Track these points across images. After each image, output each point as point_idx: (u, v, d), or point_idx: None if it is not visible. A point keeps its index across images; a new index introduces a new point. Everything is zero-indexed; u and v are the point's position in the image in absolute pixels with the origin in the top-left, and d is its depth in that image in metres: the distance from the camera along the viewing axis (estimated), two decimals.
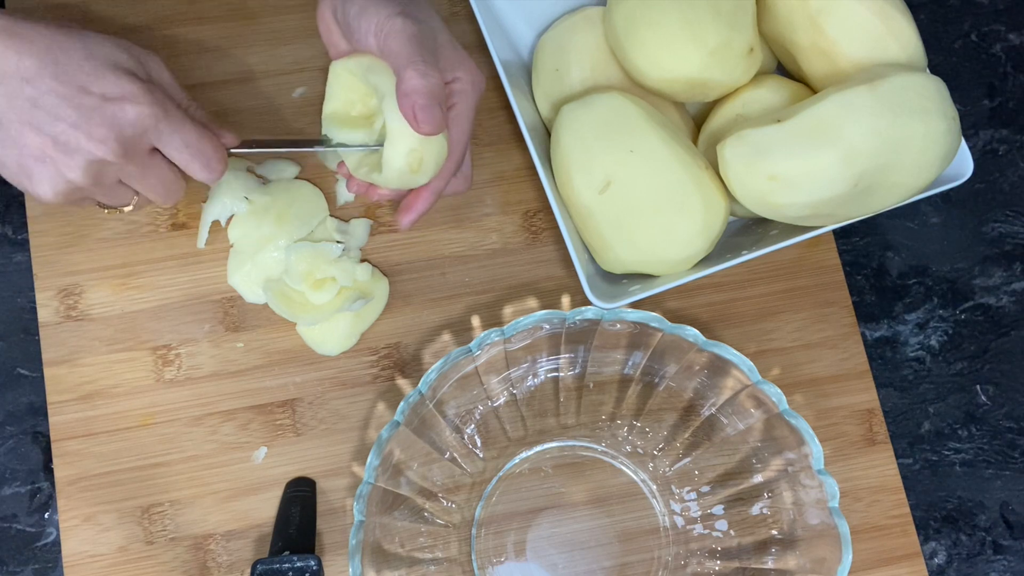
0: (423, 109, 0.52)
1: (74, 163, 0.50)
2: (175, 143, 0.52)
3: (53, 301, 0.64)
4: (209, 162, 0.54)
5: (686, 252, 0.60)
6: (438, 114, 0.53)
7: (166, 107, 0.52)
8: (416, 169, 0.56)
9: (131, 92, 0.50)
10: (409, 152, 0.55)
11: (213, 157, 0.54)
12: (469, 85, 0.57)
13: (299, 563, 0.56)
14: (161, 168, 0.54)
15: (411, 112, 0.53)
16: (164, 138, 0.52)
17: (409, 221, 0.59)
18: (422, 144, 0.55)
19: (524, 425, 0.65)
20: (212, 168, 0.54)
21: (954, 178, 0.62)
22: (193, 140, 0.53)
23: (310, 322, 0.64)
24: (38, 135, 0.50)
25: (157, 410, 0.64)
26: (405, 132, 0.54)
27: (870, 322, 0.71)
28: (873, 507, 0.67)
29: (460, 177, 0.61)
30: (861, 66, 0.59)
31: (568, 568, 0.65)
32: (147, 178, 0.53)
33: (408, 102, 0.53)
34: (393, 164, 0.55)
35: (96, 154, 0.50)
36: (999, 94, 0.76)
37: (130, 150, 0.51)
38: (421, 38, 0.54)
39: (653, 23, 0.59)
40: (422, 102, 0.52)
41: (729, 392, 0.60)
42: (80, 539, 0.62)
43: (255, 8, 0.69)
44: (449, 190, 0.60)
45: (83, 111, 0.49)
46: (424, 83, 0.52)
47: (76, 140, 0.50)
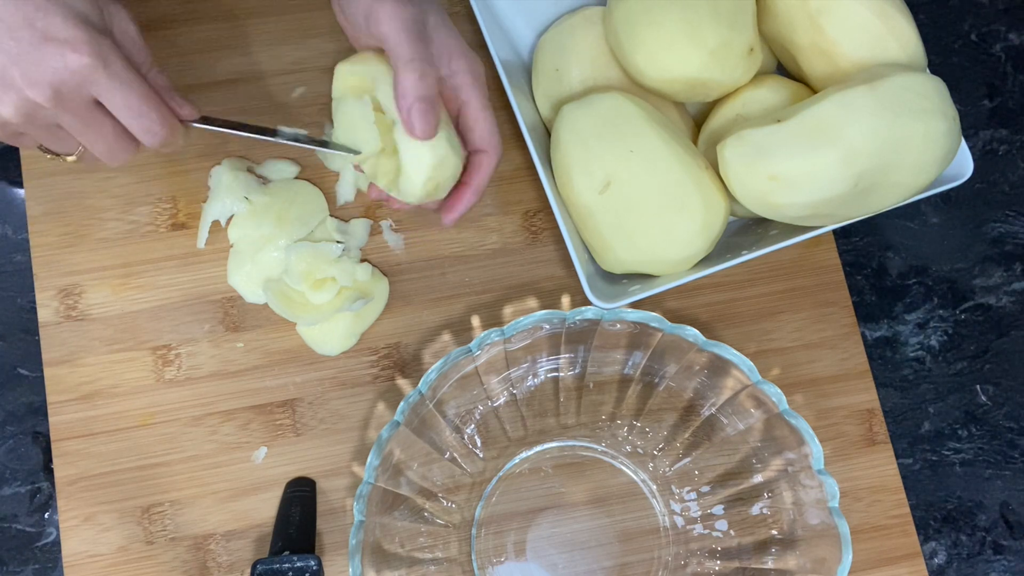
0: (419, 114, 0.52)
1: (7, 99, 0.48)
2: (116, 100, 0.49)
3: (53, 301, 0.64)
4: (152, 125, 0.50)
5: (686, 252, 0.60)
6: (432, 119, 0.52)
7: (109, 61, 0.48)
8: (433, 193, 0.56)
9: (75, 38, 0.47)
10: (426, 181, 0.55)
11: (157, 121, 0.50)
12: (470, 77, 0.56)
13: (299, 563, 0.56)
14: (104, 124, 0.51)
15: (407, 116, 0.52)
16: (104, 93, 0.49)
17: (452, 219, 0.58)
18: (436, 170, 0.55)
19: (524, 425, 0.65)
20: (154, 133, 0.51)
21: (954, 178, 0.62)
22: (135, 100, 0.50)
23: (310, 322, 0.64)
24: None
25: (157, 410, 0.64)
26: (420, 163, 0.54)
27: (870, 322, 0.71)
28: (873, 507, 0.67)
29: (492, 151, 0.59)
30: (861, 66, 0.59)
31: (568, 568, 0.65)
32: (88, 132, 0.51)
33: (405, 104, 0.52)
34: (413, 192, 0.56)
35: (27, 95, 0.48)
36: (999, 94, 0.76)
37: (65, 99, 0.48)
38: (413, 22, 0.52)
39: (653, 23, 0.59)
40: (419, 107, 0.52)
41: (729, 392, 0.60)
42: (80, 539, 0.62)
43: (255, 8, 0.69)
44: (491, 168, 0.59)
45: (23, 46, 0.47)
46: (421, 85, 0.52)
47: (11, 76, 0.47)
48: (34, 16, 0.47)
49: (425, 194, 0.56)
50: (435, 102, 0.52)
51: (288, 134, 0.58)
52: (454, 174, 0.57)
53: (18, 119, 0.49)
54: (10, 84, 0.48)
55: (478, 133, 0.57)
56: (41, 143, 0.52)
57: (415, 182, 0.55)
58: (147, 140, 0.51)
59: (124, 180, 0.66)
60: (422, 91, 0.52)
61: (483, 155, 0.57)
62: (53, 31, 0.47)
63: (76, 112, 0.49)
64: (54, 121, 0.50)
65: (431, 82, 0.52)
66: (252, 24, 0.69)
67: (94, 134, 0.51)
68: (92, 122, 0.50)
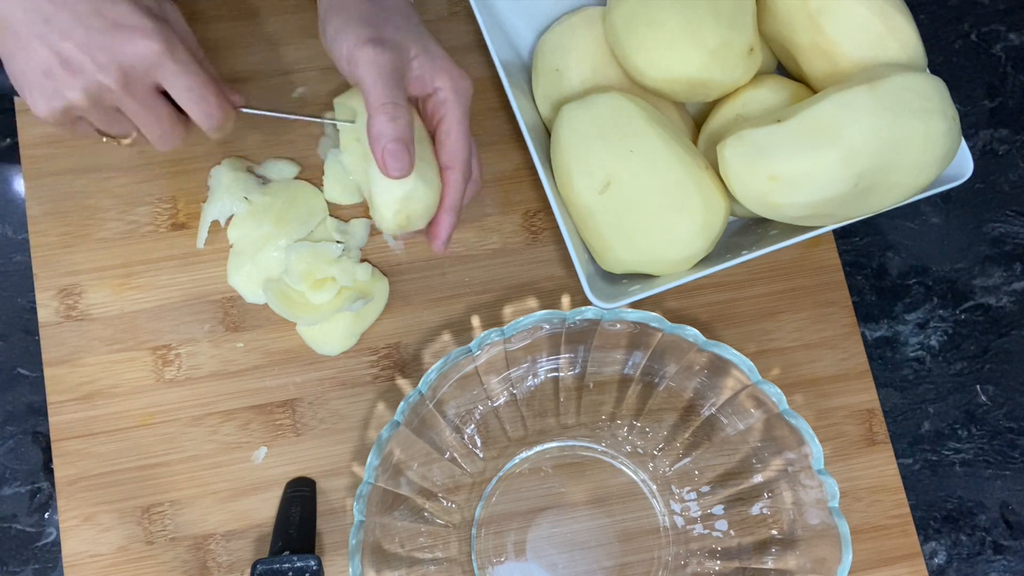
0: (392, 155, 0.53)
1: (75, 83, 0.50)
2: (180, 84, 0.52)
3: (53, 301, 0.64)
4: (211, 109, 0.53)
5: (686, 252, 0.60)
6: (406, 158, 0.54)
7: (175, 48, 0.51)
8: (406, 225, 0.57)
9: (143, 25, 0.50)
10: (395, 215, 0.56)
11: (215, 104, 0.54)
12: (452, 93, 0.56)
13: (299, 563, 0.56)
14: (162, 109, 0.53)
15: (380, 157, 0.54)
16: (170, 78, 0.52)
17: (440, 245, 0.59)
18: (404, 203, 0.56)
19: (524, 425, 0.65)
20: (213, 116, 0.54)
21: (954, 178, 0.62)
22: (198, 85, 0.52)
23: (310, 322, 0.64)
24: (47, 49, 0.50)
25: (157, 410, 0.64)
26: (389, 196, 0.55)
27: (870, 322, 0.71)
28: (873, 507, 0.67)
29: (473, 182, 0.61)
30: (861, 66, 0.59)
31: (568, 568, 0.65)
32: (147, 116, 0.53)
33: (378, 147, 0.53)
34: (384, 225, 0.57)
35: (98, 79, 0.50)
36: (999, 94, 0.76)
37: (133, 82, 0.51)
38: (391, 69, 0.54)
39: (653, 23, 0.59)
40: (391, 148, 0.53)
41: (729, 392, 0.60)
42: (80, 539, 0.62)
43: (255, 8, 0.69)
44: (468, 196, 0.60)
45: (92, 33, 0.50)
46: (392, 127, 0.53)
47: (81, 61, 0.50)
48: (102, 5, 0.50)
49: (397, 226, 0.57)
50: (408, 142, 0.54)
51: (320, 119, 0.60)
52: (427, 206, 0.57)
53: (84, 103, 0.51)
54: (80, 69, 0.50)
55: (447, 149, 0.57)
56: (99, 127, 0.55)
57: (384, 215, 0.56)
58: (206, 123, 0.54)
59: (124, 180, 0.66)
60: (394, 134, 0.53)
61: (450, 172, 0.57)
62: (122, 19, 0.50)
63: (139, 96, 0.52)
64: (116, 105, 0.53)
65: (402, 124, 0.53)
66: (252, 24, 0.69)
67: (153, 118, 0.53)
68: (153, 106, 0.53)
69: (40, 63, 0.51)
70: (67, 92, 0.51)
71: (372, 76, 0.53)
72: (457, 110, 0.57)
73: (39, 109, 0.52)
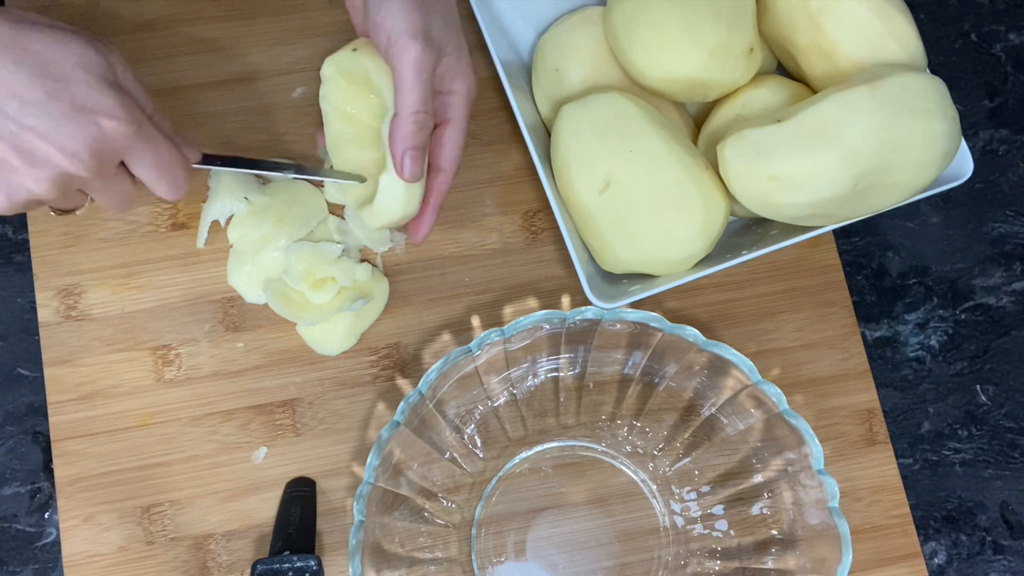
0: (412, 160, 0.54)
1: (40, 175, 0.47)
2: (146, 162, 0.50)
3: (53, 301, 0.64)
4: (176, 181, 0.52)
5: (686, 252, 0.60)
6: (421, 165, 0.55)
7: (141, 123, 0.49)
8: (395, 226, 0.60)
9: (106, 105, 0.47)
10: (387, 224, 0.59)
11: (180, 176, 0.52)
12: (463, 97, 0.58)
13: (299, 563, 0.56)
14: (124, 182, 0.51)
15: (400, 160, 0.54)
16: (136, 156, 0.49)
17: (421, 239, 0.61)
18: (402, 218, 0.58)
19: (524, 425, 0.65)
20: (178, 188, 0.52)
21: (954, 178, 0.62)
22: (165, 160, 0.50)
23: (310, 322, 0.64)
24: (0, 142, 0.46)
25: (157, 410, 0.64)
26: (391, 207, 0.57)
27: (870, 322, 0.71)
28: (873, 507, 0.67)
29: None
30: (861, 66, 0.59)
31: (568, 568, 0.65)
32: (108, 191, 0.50)
33: (399, 150, 0.54)
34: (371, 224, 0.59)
35: (67, 168, 0.47)
36: (999, 94, 0.76)
37: (102, 165, 0.48)
38: (430, 74, 0.54)
39: (653, 23, 0.59)
40: (412, 154, 0.54)
41: (729, 392, 0.60)
42: (80, 539, 0.62)
43: (255, 8, 0.69)
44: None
45: (53, 120, 0.46)
46: (418, 137, 0.54)
47: (45, 152, 0.46)
48: (55, 88, 0.46)
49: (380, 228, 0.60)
50: (426, 149, 0.55)
51: (289, 167, 0.61)
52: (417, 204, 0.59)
53: (51, 193, 0.48)
54: (44, 161, 0.46)
55: (446, 151, 0.58)
56: (56, 207, 0.52)
57: (380, 220, 0.58)
58: (171, 194, 0.52)
59: None
60: (418, 141, 0.54)
61: (442, 175, 0.59)
62: (81, 100, 0.46)
63: (105, 176, 0.49)
64: (80, 187, 0.49)
65: (427, 134, 0.55)
66: (252, 24, 0.69)
67: (115, 192, 0.51)
68: (115, 181, 0.50)
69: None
70: (30, 184, 0.47)
71: (412, 75, 0.53)
72: (464, 116, 0.58)
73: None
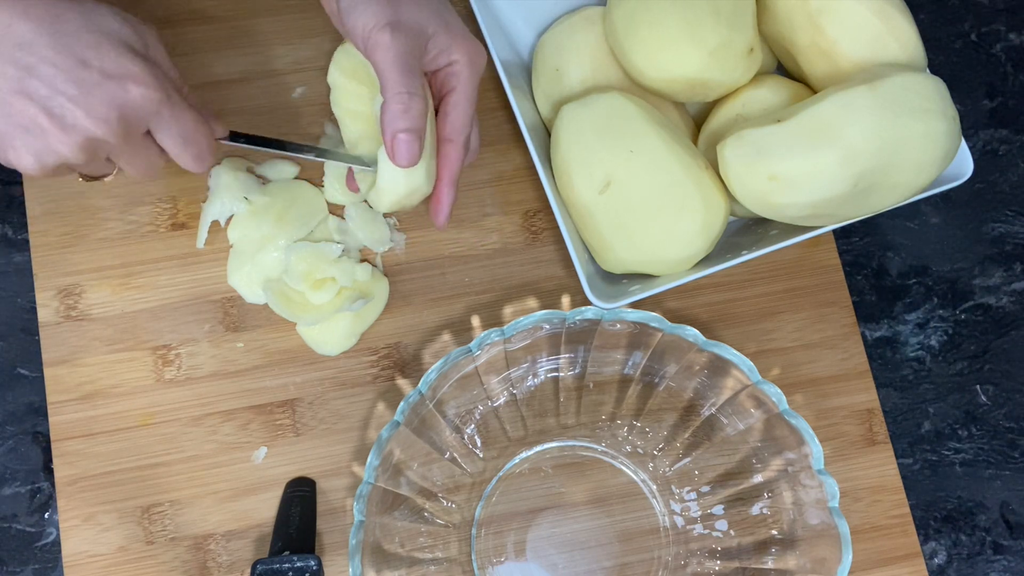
0: (402, 144, 0.53)
1: (69, 139, 0.48)
2: (172, 131, 0.51)
3: (53, 301, 0.64)
4: (201, 153, 0.53)
5: (686, 252, 0.60)
6: (415, 149, 0.53)
7: (168, 91, 0.50)
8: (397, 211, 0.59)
9: (134, 72, 0.48)
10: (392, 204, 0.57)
11: (205, 148, 0.53)
12: (467, 67, 0.56)
13: (299, 563, 0.56)
14: (151, 151, 0.52)
15: (390, 145, 0.53)
16: (163, 124, 0.50)
17: (443, 219, 0.58)
18: (406, 199, 0.57)
19: (524, 425, 0.65)
20: (203, 160, 0.53)
21: (954, 178, 0.62)
22: (190, 131, 0.51)
23: (310, 322, 0.64)
24: (31, 105, 0.47)
25: (157, 410, 0.64)
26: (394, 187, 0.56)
27: (870, 322, 0.71)
28: (873, 507, 0.67)
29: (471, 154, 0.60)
30: (861, 66, 0.59)
31: (568, 568, 0.65)
32: (135, 158, 0.51)
33: (388, 135, 0.53)
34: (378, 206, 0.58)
35: (95, 133, 0.48)
36: (999, 94, 0.76)
37: (129, 132, 0.49)
38: (406, 55, 0.53)
39: (653, 23, 0.59)
40: (402, 138, 0.53)
41: (729, 392, 0.60)
42: (80, 539, 0.62)
43: (255, 8, 0.69)
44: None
45: (84, 87, 0.47)
46: (405, 118, 0.53)
47: (74, 116, 0.47)
48: (87, 54, 0.47)
49: (389, 210, 0.58)
50: (420, 132, 0.53)
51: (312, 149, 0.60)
52: (424, 196, 0.58)
53: (80, 157, 0.49)
54: (72, 125, 0.48)
55: (451, 120, 0.56)
56: (85, 172, 0.53)
57: (383, 202, 0.57)
58: (195, 166, 0.53)
59: (124, 180, 0.66)
60: (406, 124, 0.53)
61: (450, 145, 0.57)
62: (111, 67, 0.48)
63: (133, 143, 0.50)
64: (110, 154, 0.50)
65: (415, 114, 0.53)
66: (252, 24, 0.69)
67: (142, 159, 0.52)
68: (143, 149, 0.51)
69: (22, 119, 0.48)
70: (60, 148, 0.48)
71: (388, 63, 0.52)
72: (468, 84, 0.56)
73: (26, 164, 0.49)
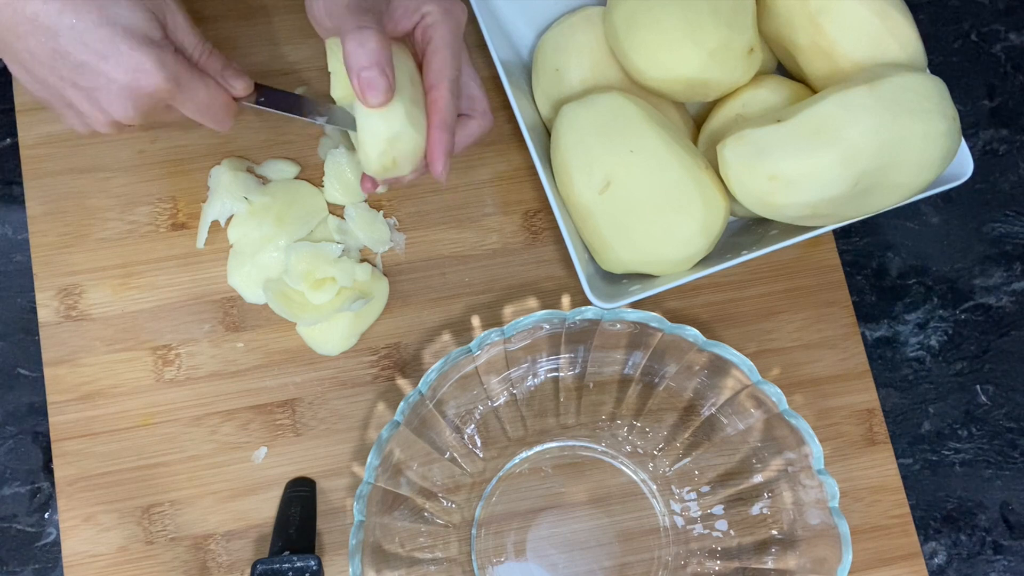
0: (367, 83, 0.51)
1: (98, 120, 0.53)
2: (187, 106, 0.54)
3: (53, 301, 0.64)
4: (218, 119, 0.56)
5: (686, 252, 0.60)
6: (383, 83, 0.51)
7: (179, 73, 0.52)
8: (392, 167, 0.55)
9: (144, 66, 0.50)
10: (380, 155, 0.54)
11: (222, 114, 0.56)
12: (440, 16, 0.54)
13: (299, 563, 0.56)
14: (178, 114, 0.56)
15: (358, 87, 0.51)
16: (178, 103, 0.54)
17: (440, 169, 0.56)
18: (391, 143, 0.54)
19: (524, 425, 0.65)
20: (223, 123, 0.56)
21: (954, 178, 0.62)
22: (204, 104, 0.54)
23: (310, 322, 0.64)
24: (64, 87, 0.52)
25: (157, 410, 0.64)
26: (375, 136, 0.53)
27: (870, 322, 0.71)
28: (873, 507, 0.67)
29: (479, 116, 0.59)
30: (861, 66, 0.59)
31: (568, 568, 0.65)
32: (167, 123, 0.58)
33: (353, 77, 0.51)
34: (369, 165, 0.55)
35: (119, 119, 0.53)
36: (999, 94, 0.76)
37: (149, 112, 0.54)
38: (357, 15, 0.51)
39: (653, 23, 0.59)
40: (365, 75, 0.51)
41: (729, 392, 0.60)
42: (80, 539, 0.62)
43: (255, 8, 0.69)
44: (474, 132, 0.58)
45: (100, 81, 0.51)
46: (362, 52, 0.51)
47: (97, 103, 0.52)
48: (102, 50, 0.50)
49: (382, 168, 0.55)
50: (383, 66, 0.51)
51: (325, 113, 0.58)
52: (415, 149, 0.55)
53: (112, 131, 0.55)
54: (99, 109, 0.53)
55: (433, 68, 0.55)
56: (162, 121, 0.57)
57: (370, 155, 0.54)
58: (219, 128, 0.57)
59: (124, 180, 0.66)
60: (366, 59, 0.51)
61: (435, 90, 0.55)
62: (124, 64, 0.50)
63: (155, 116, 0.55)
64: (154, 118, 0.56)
65: (372, 47, 0.51)
66: (252, 23, 0.69)
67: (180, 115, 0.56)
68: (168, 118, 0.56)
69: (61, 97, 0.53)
70: (96, 125, 0.54)
71: (339, 11, 0.52)
72: (445, 30, 0.55)
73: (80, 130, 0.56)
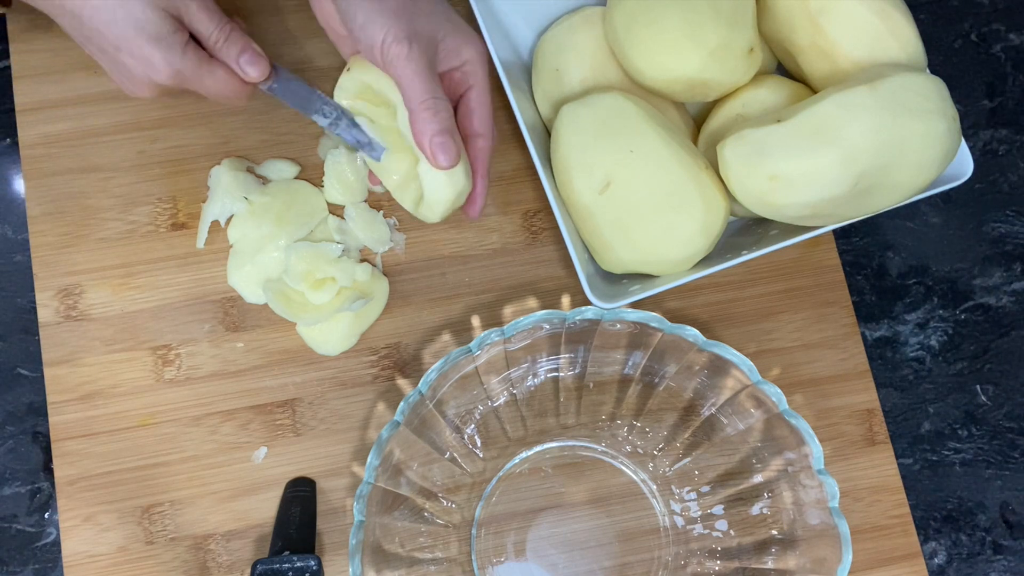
0: (440, 147, 0.55)
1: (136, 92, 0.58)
2: (201, 92, 0.58)
3: (53, 301, 0.64)
4: (231, 101, 0.59)
5: (686, 252, 0.60)
6: (452, 148, 0.55)
7: (189, 65, 0.56)
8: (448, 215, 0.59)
9: (155, 63, 0.55)
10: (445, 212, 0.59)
11: (235, 97, 0.58)
12: (479, 65, 0.58)
13: (299, 563, 0.56)
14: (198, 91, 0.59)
15: (429, 152, 0.55)
16: (192, 89, 0.57)
17: (477, 212, 0.61)
18: (456, 202, 0.58)
19: (524, 425, 0.65)
20: (235, 105, 0.60)
21: (954, 178, 0.62)
22: (215, 90, 0.58)
23: (310, 322, 0.64)
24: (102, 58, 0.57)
25: (157, 410, 0.64)
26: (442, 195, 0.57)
27: (870, 322, 0.71)
28: (873, 507, 0.67)
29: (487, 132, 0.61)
30: (861, 66, 0.59)
31: (568, 568, 0.65)
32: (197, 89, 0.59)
33: (425, 142, 0.55)
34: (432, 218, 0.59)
35: (144, 96, 0.58)
36: (999, 94, 0.76)
37: (166, 95, 0.59)
38: (426, 64, 0.55)
39: (653, 23, 0.59)
40: (438, 141, 0.54)
41: (729, 392, 0.60)
42: (80, 539, 0.62)
43: (255, 8, 0.69)
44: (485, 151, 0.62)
45: (121, 70, 0.56)
46: (436, 122, 0.54)
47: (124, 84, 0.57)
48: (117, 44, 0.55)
49: (442, 218, 0.60)
50: (453, 132, 0.55)
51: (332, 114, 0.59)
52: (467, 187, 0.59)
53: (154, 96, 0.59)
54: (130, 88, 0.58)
55: (479, 116, 0.58)
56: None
57: (436, 212, 0.59)
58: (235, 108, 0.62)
59: (124, 180, 0.66)
60: (438, 126, 0.54)
61: (481, 139, 0.59)
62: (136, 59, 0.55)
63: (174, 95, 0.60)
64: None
65: (444, 116, 0.55)
66: (252, 24, 0.69)
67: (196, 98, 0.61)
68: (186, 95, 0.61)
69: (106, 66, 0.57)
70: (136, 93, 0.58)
71: (409, 75, 0.54)
72: (485, 79, 0.58)
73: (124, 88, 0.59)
